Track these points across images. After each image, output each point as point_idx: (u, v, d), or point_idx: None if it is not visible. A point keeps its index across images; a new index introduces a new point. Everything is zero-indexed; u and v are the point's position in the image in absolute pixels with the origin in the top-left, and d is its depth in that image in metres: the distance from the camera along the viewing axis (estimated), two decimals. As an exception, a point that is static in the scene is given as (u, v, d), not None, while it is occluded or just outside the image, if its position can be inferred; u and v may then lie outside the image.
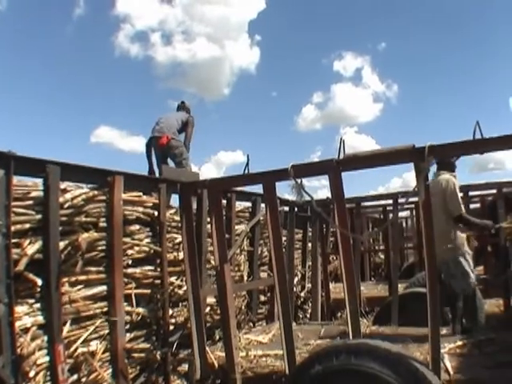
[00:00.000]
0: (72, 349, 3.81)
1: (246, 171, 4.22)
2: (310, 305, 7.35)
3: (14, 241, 3.40)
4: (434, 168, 4.90)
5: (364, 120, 38.92)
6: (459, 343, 4.22)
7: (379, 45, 34.98)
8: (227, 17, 32.10)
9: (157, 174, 6.33)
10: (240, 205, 6.22)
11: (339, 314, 6.91)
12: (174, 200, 5.06)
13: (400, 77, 36.87)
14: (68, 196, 3.84)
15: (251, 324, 5.98)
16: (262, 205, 6.12)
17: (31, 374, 3.43)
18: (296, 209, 7.12)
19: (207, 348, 4.45)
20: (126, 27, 34.62)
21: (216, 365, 4.37)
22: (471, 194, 7.70)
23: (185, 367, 4.73)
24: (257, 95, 37.04)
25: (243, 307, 5.90)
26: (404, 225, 13.67)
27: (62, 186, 3.81)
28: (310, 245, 7.80)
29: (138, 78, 32.42)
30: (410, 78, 35.74)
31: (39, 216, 3.63)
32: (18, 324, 3.37)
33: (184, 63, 32.32)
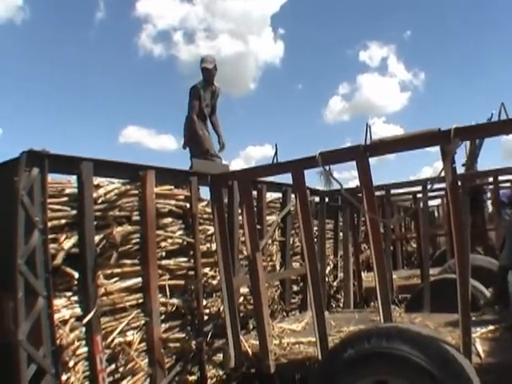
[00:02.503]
0: (109, 339, 3.88)
1: (275, 161, 4.25)
2: (343, 294, 7.34)
3: (50, 236, 3.47)
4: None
5: (392, 110, 38.62)
6: (491, 327, 4.18)
7: (404, 33, 34.63)
8: (249, 12, 32.06)
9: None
10: (270, 196, 6.23)
11: (372, 304, 6.92)
12: (204, 192, 5.12)
13: (427, 64, 36.45)
14: (101, 191, 3.91)
15: (284, 314, 6.00)
16: (293, 195, 6.11)
17: (71, 363, 3.51)
18: (327, 199, 7.12)
19: (241, 337, 4.49)
20: (148, 28, 34.87)
21: (250, 353, 4.42)
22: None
23: (219, 356, 4.77)
24: (283, 89, 37.00)
25: (276, 297, 5.92)
26: (436, 214, 13.56)
27: (95, 181, 3.88)
28: (341, 234, 7.79)
29: (162, 77, 32.64)
30: (437, 65, 35.35)
31: (74, 211, 3.70)
32: (56, 316, 3.45)
33: (208, 60, 32.15)
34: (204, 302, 4.82)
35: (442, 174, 3.39)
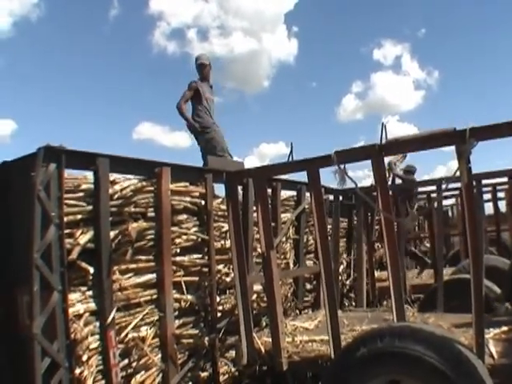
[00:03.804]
0: (123, 334, 3.88)
1: (290, 159, 4.22)
2: (355, 293, 7.31)
3: (66, 231, 3.47)
4: None
5: (406, 108, 38.30)
6: (504, 328, 4.12)
7: (419, 31, 34.32)
8: (263, 9, 31.92)
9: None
10: (285, 194, 6.21)
11: (384, 303, 6.88)
12: (219, 190, 5.10)
13: (441, 63, 36.14)
14: (117, 187, 3.92)
15: (297, 311, 5.97)
16: (307, 193, 6.11)
17: (84, 357, 3.51)
18: (341, 197, 7.08)
19: (254, 334, 4.47)
20: (162, 25, 34.82)
21: (263, 350, 4.39)
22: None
23: (232, 353, 4.75)
24: (296, 86, 36.83)
25: (289, 295, 5.89)
26: (450, 214, 13.47)
27: (111, 177, 3.87)
28: (355, 233, 7.73)
29: (176, 74, 32.56)
30: (451, 63, 34.95)
31: (90, 207, 3.70)
32: (71, 310, 3.45)
33: (222, 58, 32.24)
34: (217, 299, 4.80)
35: (457, 173, 3.36)
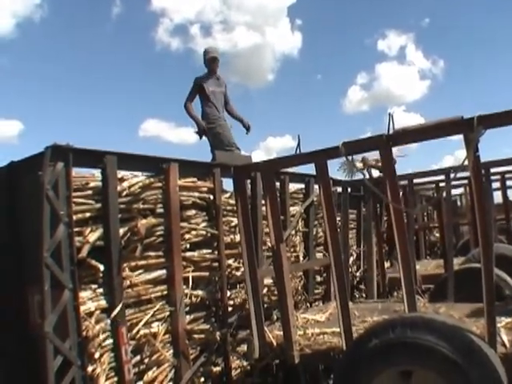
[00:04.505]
0: (134, 331, 3.87)
1: (298, 152, 4.20)
2: (366, 284, 7.27)
3: (76, 229, 3.46)
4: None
5: (412, 98, 38.07)
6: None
7: (422, 20, 34.03)
8: (265, 3, 31.77)
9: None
10: (293, 187, 6.17)
11: (395, 294, 6.84)
12: (227, 184, 5.06)
13: (445, 52, 35.87)
14: (125, 184, 3.89)
15: (308, 304, 5.94)
16: (315, 186, 6.08)
17: (96, 355, 3.51)
18: (349, 189, 7.03)
19: (265, 328, 4.45)
20: (165, 21, 34.77)
21: (274, 344, 4.37)
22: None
23: (243, 347, 4.71)
24: (301, 79, 36.66)
25: (300, 288, 5.87)
26: (459, 203, 13.37)
27: (119, 175, 3.85)
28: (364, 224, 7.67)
29: (180, 70, 32.49)
30: (456, 52, 34.66)
31: (98, 205, 3.68)
32: (82, 308, 3.45)
33: (226, 53, 32.01)
34: (228, 294, 4.78)
35: (466, 162, 3.32)
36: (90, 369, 3.45)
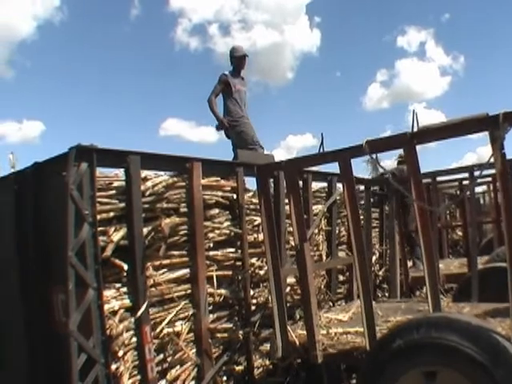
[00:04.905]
0: (158, 329, 3.87)
1: (321, 150, 4.17)
2: (389, 283, 7.19)
3: (100, 229, 3.46)
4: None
5: (432, 95, 37.82)
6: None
7: (442, 16, 33.69)
8: (283, 1, 31.70)
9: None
10: (316, 185, 6.12)
11: (417, 293, 6.76)
12: (249, 183, 5.05)
13: (466, 47, 35.45)
14: (149, 184, 3.88)
15: (331, 303, 5.89)
16: (338, 184, 6.04)
17: (120, 353, 3.51)
18: (372, 187, 6.96)
19: (288, 327, 4.41)
20: (183, 22, 34.96)
21: (297, 343, 4.33)
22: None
23: (266, 346, 4.70)
24: (321, 77, 36.57)
25: (323, 287, 5.82)
26: (482, 201, 13.19)
27: (142, 174, 3.85)
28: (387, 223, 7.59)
29: (200, 70, 32.72)
30: (477, 47, 34.23)
31: (122, 204, 3.69)
32: (106, 307, 3.44)
33: (245, 52, 31.96)
34: (251, 292, 4.76)
35: (491, 160, 3.25)
36: (113, 367, 3.45)
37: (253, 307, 4.77)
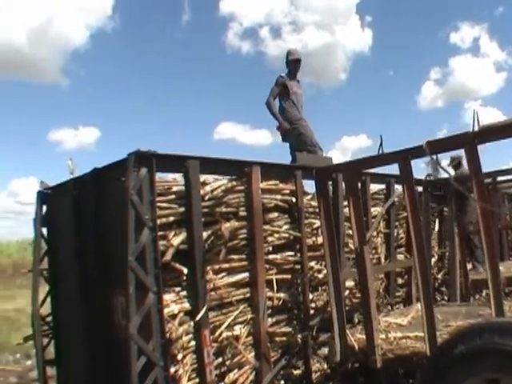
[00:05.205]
0: (217, 333, 3.75)
1: (380, 152, 4.00)
2: (449, 287, 6.86)
3: (160, 233, 3.36)
4: None
5: (487, 92, 36.55)
6: None
7: (496, 9, 32.39)
8: (333, 2, 31.18)
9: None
10: (374, 187, 5.87)
11: (477, 296, 6.41)
12: (307, 186, 4.87)
13: (523, 41, 33.93)
14: (208, 188, 3.76)
15: (389, 307, 5.64)
16: (396, 186, 5.79)
17: (179, 356, 3.43)
18: (430, 188, 6.64)
19: (347, 331, 4.23)
20: (234, 26, 34.93)
21: (356, 347, 4.14)
22: None
23: (324, 350, 4.52)
24: (374, 77, 35.90)
25: (381, 290, 5.58)
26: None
27: (201, 179, 3.73)
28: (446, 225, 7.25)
29: (252, 73, 32.60)
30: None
31: (182, 209, 3.58)
32: (166, 311, 3.36)
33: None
34: (310, 296, 4.59)
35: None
36: (172, 370, 3.37)
37: (311, 311, 4.58)
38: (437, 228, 7.23)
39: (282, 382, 4.24)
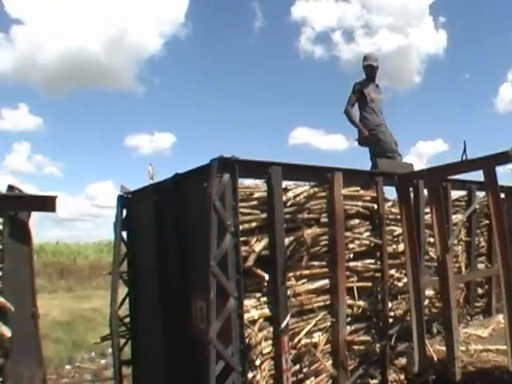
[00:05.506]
0: (295, 340, 3.58)
1: (464, 158, 3.73)
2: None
3: (242, 239, 3.24)
4: None
5: None
6: None
7: None
8: (406, 3, 30.04)
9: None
10: (455, 194, 5.49)
11: None
12: (389, 192, 4.60)
13: None
14: (290, 194, 3.60)
15: (468, 318, 5.28)
16: (478, 193, 5.44)
17: (257, 362, 3.30)
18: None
19: (426, 341, 3.98)
20: (307, 30, 34.28)
21: (435, 358, 3.91)
22: None
23: (402, 360, 4.26)
24: (449, 80, 34.38)
25: (461, 300, 5.21)
26: None
27: (283, 185, 3.56)
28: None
29: (326, 78, 31.96)
30: None
31: (264, 215, 3.43)
32: (246, 316, 3.24)
33: (371, 57, 30.88)
34: (389, 305, 4.33)
35: None
36: (250, 375, 3.25)
37: (390, 320, 4.32)
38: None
39: (359, 391, 4.00)
